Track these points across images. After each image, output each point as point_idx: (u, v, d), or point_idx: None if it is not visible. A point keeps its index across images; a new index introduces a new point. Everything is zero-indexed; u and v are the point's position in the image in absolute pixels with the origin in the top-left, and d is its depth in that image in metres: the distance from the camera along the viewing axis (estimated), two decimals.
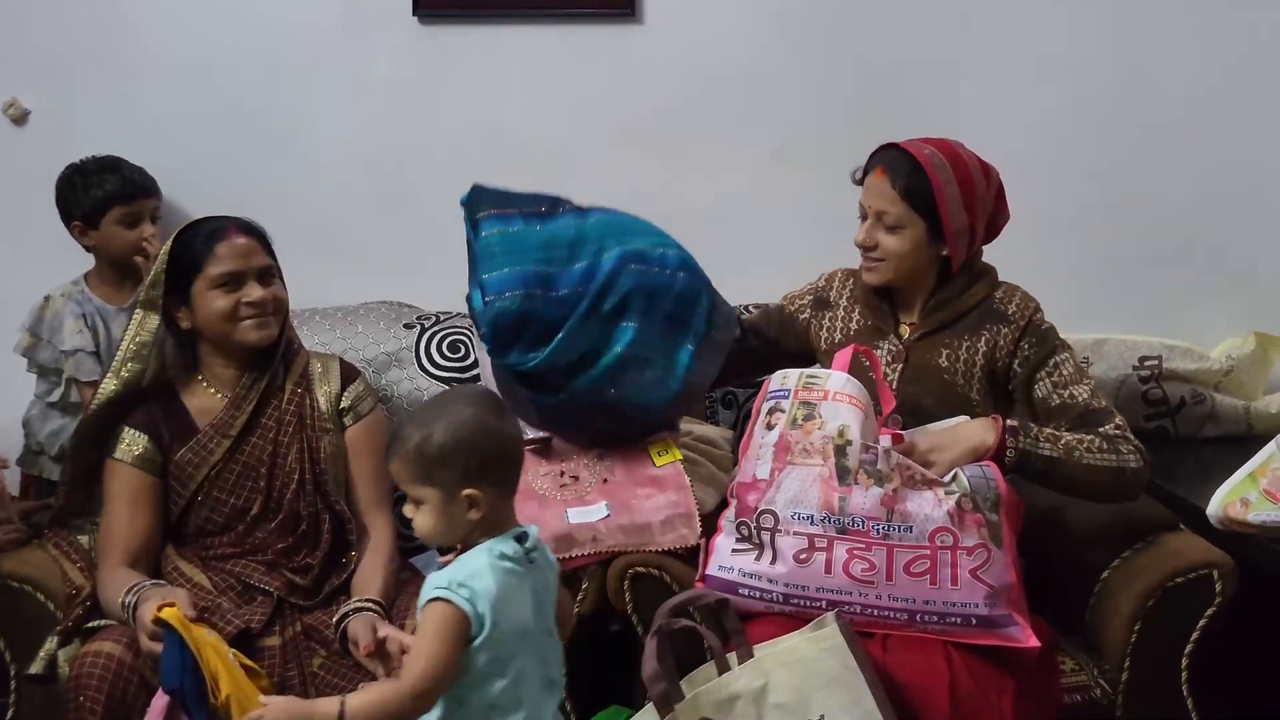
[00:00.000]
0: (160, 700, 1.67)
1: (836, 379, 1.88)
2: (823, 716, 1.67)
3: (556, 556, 1.95)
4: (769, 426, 1.88)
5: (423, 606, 1.51)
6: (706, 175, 2.71)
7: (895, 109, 2.63)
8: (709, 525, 2.04)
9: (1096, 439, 1.90)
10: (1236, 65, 2.67)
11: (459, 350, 2.54)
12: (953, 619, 1.76)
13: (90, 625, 1.85)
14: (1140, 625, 1.94)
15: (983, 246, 2.08)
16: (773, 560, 1.83)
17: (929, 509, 1.77)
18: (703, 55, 2.68)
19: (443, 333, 2.55)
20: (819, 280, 2.23)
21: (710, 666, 1.75)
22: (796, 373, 1.93)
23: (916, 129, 2.08)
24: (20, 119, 2.67)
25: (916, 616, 1.78)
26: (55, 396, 2.47)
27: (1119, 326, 2.65)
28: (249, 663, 1.76)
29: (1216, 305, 2.71)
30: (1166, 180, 2.69)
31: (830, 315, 2.16)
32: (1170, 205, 2.70)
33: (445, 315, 2.60)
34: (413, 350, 2.51)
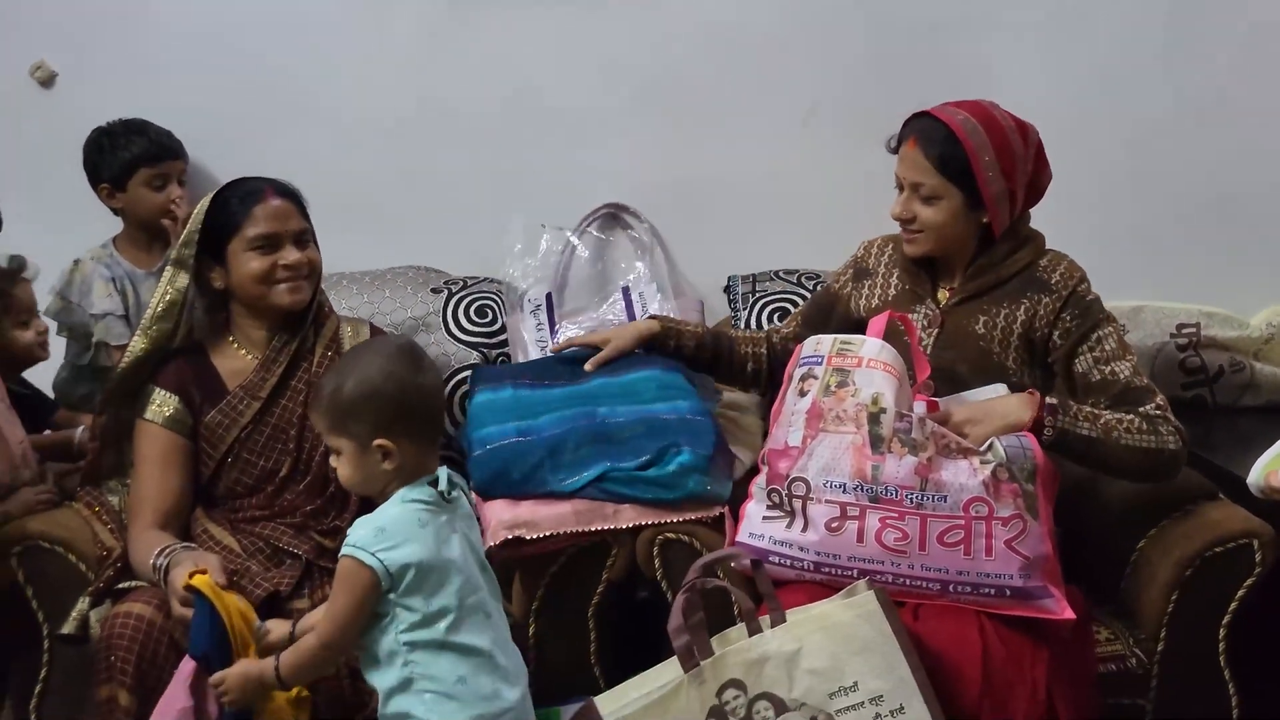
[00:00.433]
0: (187, 665, 1.68)
1: (871, 345, 1.85)
2: (856, 683, 1.65)
3: (590, 528, 1.96)
4: (801, 393, 1.85)
5: (340, 557, 1.54)
6: (733, 140, 2.67)
7: (926, 69, 2.58)
8: (738, 492, 2.03)
9: (1136, 419, 1.87)
10: (1278, 24, 2.59)
11: (486, 315, 2.53)
12: (986, 590, 1.74)
13: (121, 586, 1.87)
14: (1178, 595, 1.91)
15: (1029, 210, 2.03)
16: (804, 528, 1.81)
17: (964, 478, 1.74)
18: (729, 16, 2.63)
19: (470, 297, 2.54)
20: (858, 250, 2.20)
21: (741, 628, 1.73)
22: (830, 339, 1.90)
23: (948, 90, 2.04)
24: (48, 81, 2.66)
25: (949, 587, 1.76)
26: (85, 360, 2.49)
27: (1156, 293, 2.60)
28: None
29: (1257, 271, 2.65)
30: (1206, 141, 2.62)
31: (869, 283, 2.13)
32: (1210, 167, 2.63)
33: (473, 280, 2.59)
34: (440, 315, 2.50)
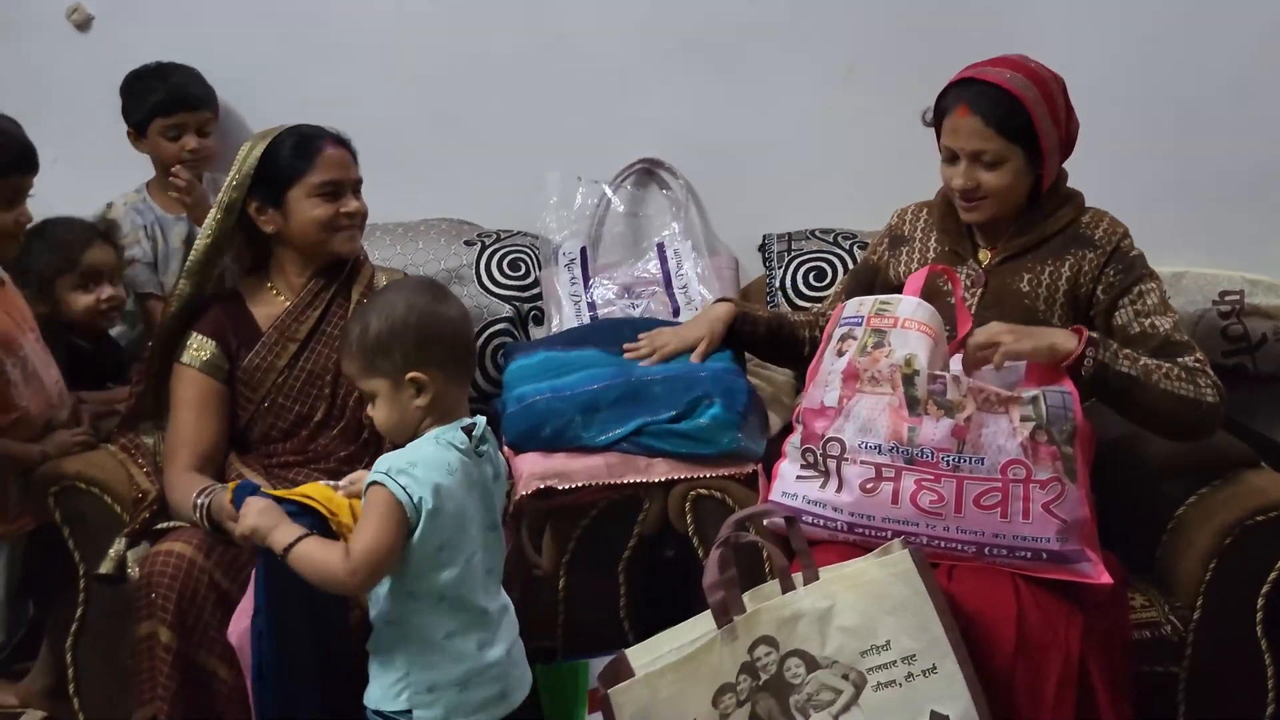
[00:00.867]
0: (243, 620, 1.69)
1: (906, 304, 1.83)
2: (888, 642, 1.64)
3: (622, 480, 1.96)
4: (839, 353, 1.84)
5: (366, 488, 1.52)
6: (771, 97, 2.64)
7: (969, 28, 2.51)
8: (771, 450, 2.01)
9: (1175, 368, 1.84)
10: None
11: (519, 268, 2.52)
12: (1023, 553, 1.73)
13: (159, 528, 1.88)
14: (1216, 563, 1.89)
15: (1066, 169, 2.00)
16: (838, 489, 1.80)
17: (1002, 440, 1.72)
18: None
19: (503, 250, 2.53)
20: (891, 219, 2.16)
21: (774, 584, 1.72)
22: (872, 299, 1.88)
23: (991, 50, 1.99)
24: (84, 24, 2.65)
25: (985, 549, 1.74)
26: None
27: (1199, 259, 2.55)
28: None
29: None
30: (1253, 103, 2.56)
31: (906, 249, 2.10)
32: (1256, 130, 2.57)
33: (506, 234, 2.58)
34: (473, 267, 2.49)
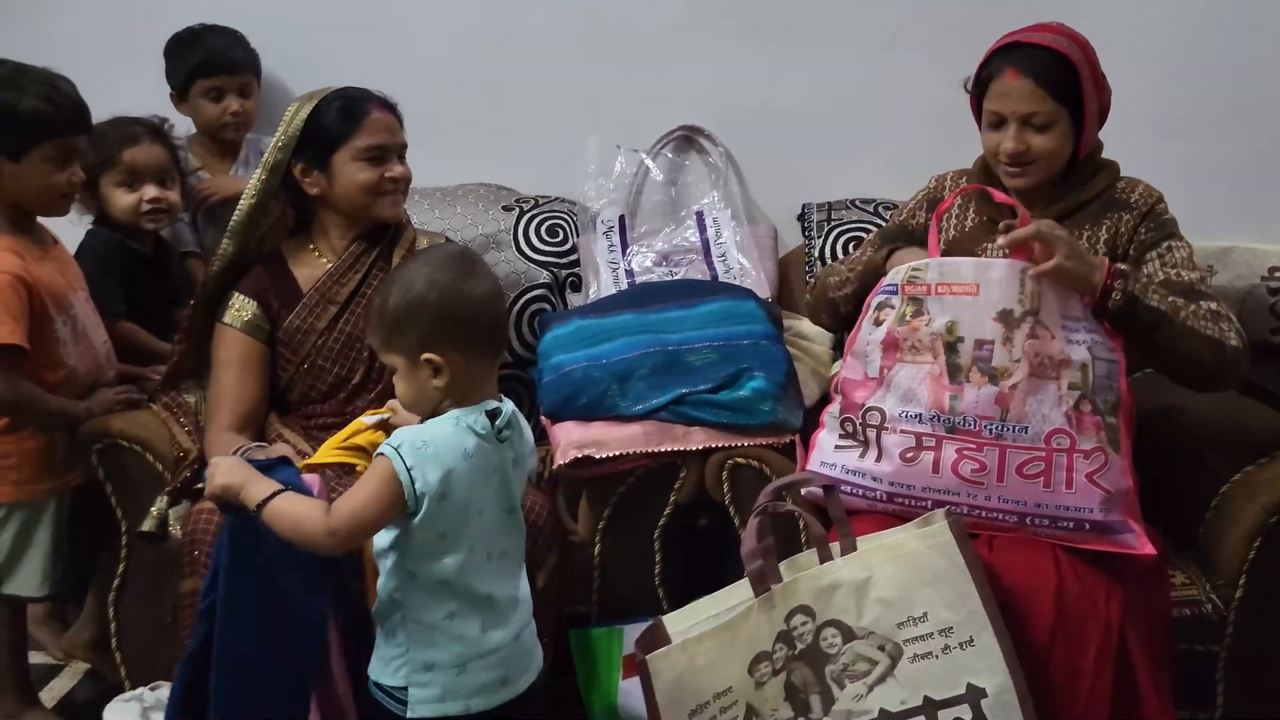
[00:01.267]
0: None
1: (933, 270, 1.78)
2: (925, 614, 1.63)
3: (659, 449, 1.95)
4: (877, 323, 1.82)
5: (376, 455, 1.48)
6: (813, 65, 2.60)
7: None
8: (808, 421, 2.00)
9: (1200, 309, 1.80)
10: None
11: (557, 234, 2.51)
12: (1065, 523, 1.71)
13: (200, 486, 1.88)
14: (1260, 542, 1.87)
15: (1102, 140, 1.97)
16: (878, 458, 1.78)
17: (1047, 409, 1.70)
18: None
19: (541, 216, 2.52)
20: (929, 183, 2.14)
21: (811, 554, 1.72)
22: (905, 268, 1.86)
23: (1038, 16, 1.95)
24: None
25: (1027, 519, 1.72)
26: None
27: (1247, 234, 2.49)
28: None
29: None
30: None
31: (945, 215, 2.07)
32: None
33: (544, 199, 2.57)
34: (511, 233, 2.49)
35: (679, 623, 1.71)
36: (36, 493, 2.01)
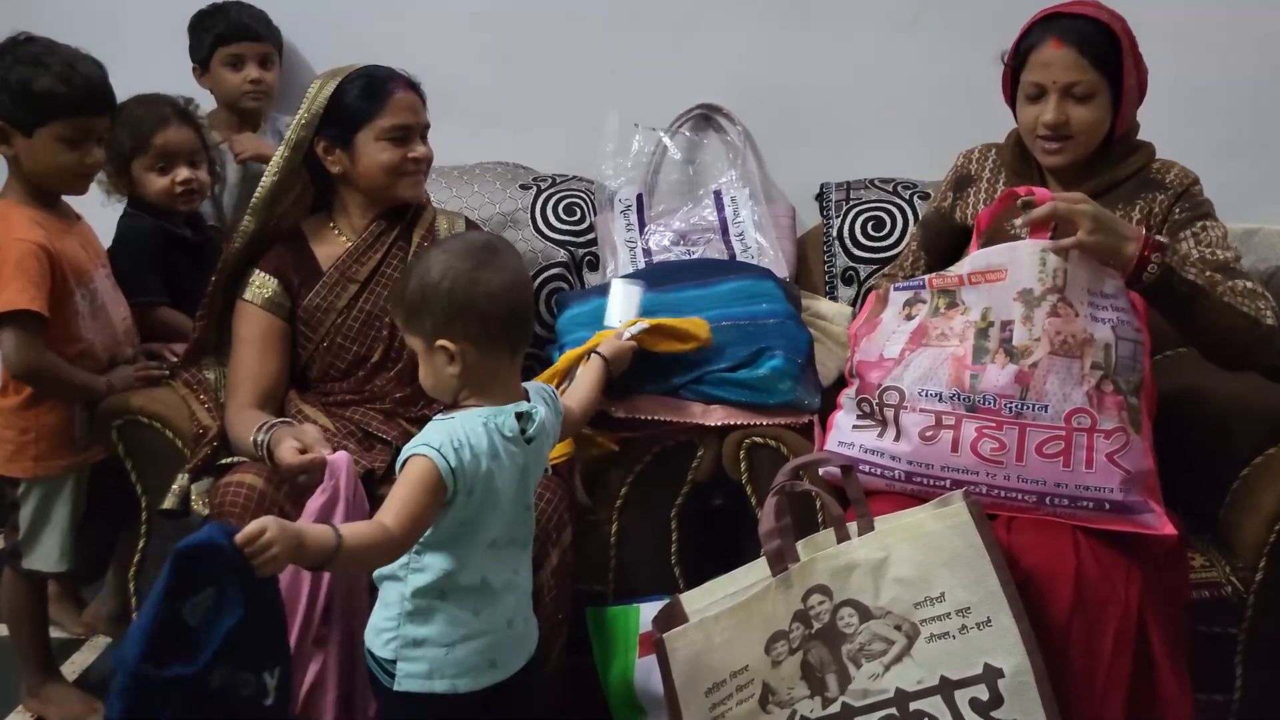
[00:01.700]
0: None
1: (964, 262, 1.78)
2: (943, 594, 1.63)
3: (677, 419, 1.95)
4: (908, 317, 1.81)
5: (405, 459, 1.46)
6: (834, 42, 2.59)
7: None
8: (826, 402, 2.00)
9: (1238, 284, 1.79)
10: None
11: (575, 213, 2.50)
12: (1085, 503, 1.70)
13: (221, 463, 1.90)
14: None
15: (1138, 121, 1.96)
16: (896, 437, 1.78)
17: (1068, 388, 1.69)
18: None
19: (559, 195, 2.52)
20: (957, 160, 2.13)
21: (828, 533, 1.71)
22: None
23: None
24: None
25: (1046, 499, 1.71)
26: None
27: (1273, 216, 2.47)
28: None
29: None
30: None
31: (973, 189, 2.06)
32: None
33: (561, 178, 2.57)
34: (528, 212, 2.49)
35: (696, 601, 1.71)
36: (54, 469, 2.03)
